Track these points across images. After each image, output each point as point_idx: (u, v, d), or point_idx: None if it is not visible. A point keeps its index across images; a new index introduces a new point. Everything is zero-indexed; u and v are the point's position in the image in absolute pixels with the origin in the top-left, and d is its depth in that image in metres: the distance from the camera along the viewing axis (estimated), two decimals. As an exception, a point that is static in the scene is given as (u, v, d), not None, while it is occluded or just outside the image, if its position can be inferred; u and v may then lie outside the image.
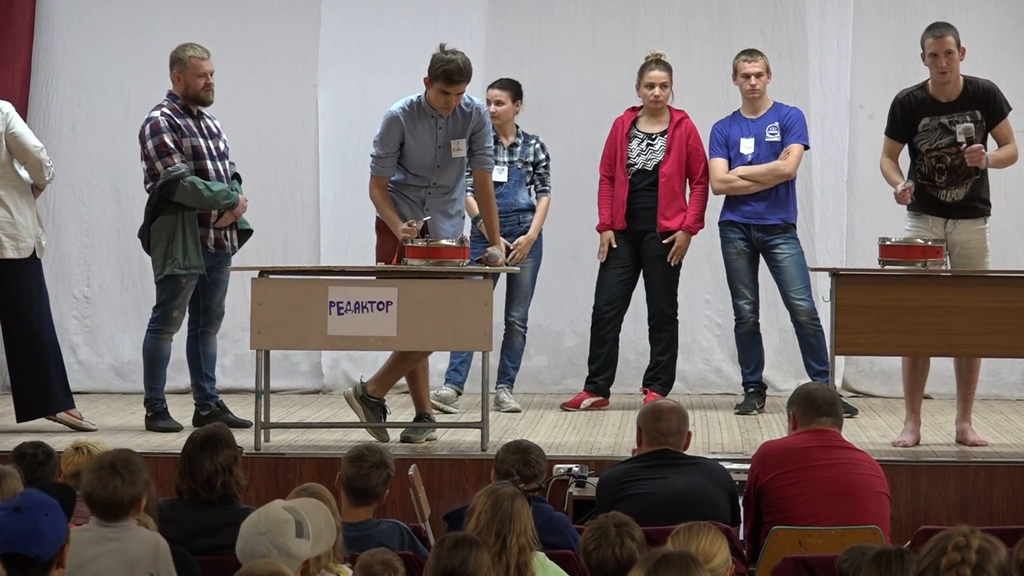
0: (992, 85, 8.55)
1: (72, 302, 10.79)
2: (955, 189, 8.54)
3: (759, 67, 9.62)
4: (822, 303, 9.04)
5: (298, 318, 8.06)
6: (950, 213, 8.55)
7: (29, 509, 4.17)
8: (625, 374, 10.14)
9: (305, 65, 10.80)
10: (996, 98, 8.50)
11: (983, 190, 8.59)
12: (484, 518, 5.12)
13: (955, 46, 8.40)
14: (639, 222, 9.66)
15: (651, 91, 9.62)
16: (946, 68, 8.39)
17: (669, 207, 9.62)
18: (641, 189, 9.64)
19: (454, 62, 8.36)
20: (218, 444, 5.89)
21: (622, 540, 4.88)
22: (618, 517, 4.98)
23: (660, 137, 9.67)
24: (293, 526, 4.76)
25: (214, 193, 8.77)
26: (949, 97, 8.48)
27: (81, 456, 6.17)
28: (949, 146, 8.49)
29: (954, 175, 8.51)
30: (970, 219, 8.56)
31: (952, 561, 3.76)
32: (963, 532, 3.81)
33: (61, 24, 10.82)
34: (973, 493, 7.87)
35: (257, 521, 4.76)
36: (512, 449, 6.30)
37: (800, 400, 6.57)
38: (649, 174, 9.65)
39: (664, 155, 9.63)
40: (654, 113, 9.70)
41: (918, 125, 8.52)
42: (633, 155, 9.67)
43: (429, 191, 8.63)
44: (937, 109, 8.49)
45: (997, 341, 8.11)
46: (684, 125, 9.67)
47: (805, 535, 6.11)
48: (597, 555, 4.89)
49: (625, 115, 9.78)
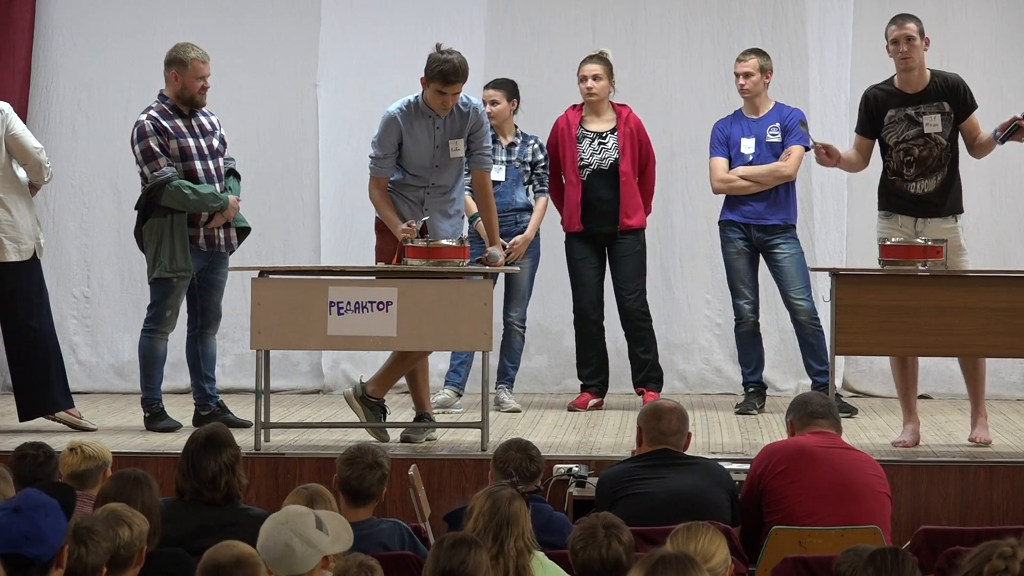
0: (959, 78, 8.54)
1: (72, 302, 10.79)
2: (924, 180, 8.50)
3: (749, 67, 9.62)
4: (822, 303, 9.04)
5: (298, 318, 8.06)
6: (919, 210, 8.51)
7: (28, 510, 4.17)
8: (625, 374, 10.14)
9: (305, 65, 10.79)
10: (964, 91, 8.48)
11: (954, 187, 8.53)
12: (482, 520, 5.11)
13: (917, 34, 8.42)
14: (601, 223, 9.64)
15: (583, 84, 9.61)
16: (907, 54, 8.40)
17: (629, 204, 9.63)
18: (598, 189, 9.62)
19: (450, 62, 8.36)
20: (220, 444, 5.89)
21: (609, 542, 4.88)
22: (607, 518, 4.98)
23: (611, 135, 9.66)
24: (313, 519, 4.83)
25: (201, 196, 8.76)
26: (915, 88, 8.48)
27: (76, 457, 6.15)
28: (916, 137, 8.48)
29: (922, 167, 8.49)
30: (939, 217, 8.50)
31: (995, 569, 3.72)
32: (1011, 543, 3.75)
33: (61, 24, 10.82)
34: (973, 493, 7.86)
35: (277, 516, 4.85)
36: (513, 447, 6.29)
37: (797, 407, 6.68)
38: (606, 173, 9.63)
39: (620, 153, 9.62)
40: (596, 110, 9.68)
41: (884, 117, 8.52)
42: (586, 155, 9.64)
43: (428, 191, 8.63)
44: (903, 101, 8.50)
45: (997, 341, 8.11)
46: (632, 120, 9.67)
47: (805, 535, 6.12)
48: (583, 555, 4.89)
49: (569, 114, 9.75)
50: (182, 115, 8.89)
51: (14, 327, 8.87)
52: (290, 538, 4.74)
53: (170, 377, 9.59)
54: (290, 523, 4.81)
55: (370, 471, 5.92)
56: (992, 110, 9.25)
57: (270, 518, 4.89)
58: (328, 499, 5.52)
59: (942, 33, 10.42)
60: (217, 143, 9.00)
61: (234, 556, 4.42)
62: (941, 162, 8.47)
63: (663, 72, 10.64)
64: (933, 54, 9.16)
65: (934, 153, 8.46)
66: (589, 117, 9.70)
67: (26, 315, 8.81)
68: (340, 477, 5.95)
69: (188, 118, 8.90)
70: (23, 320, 8.82)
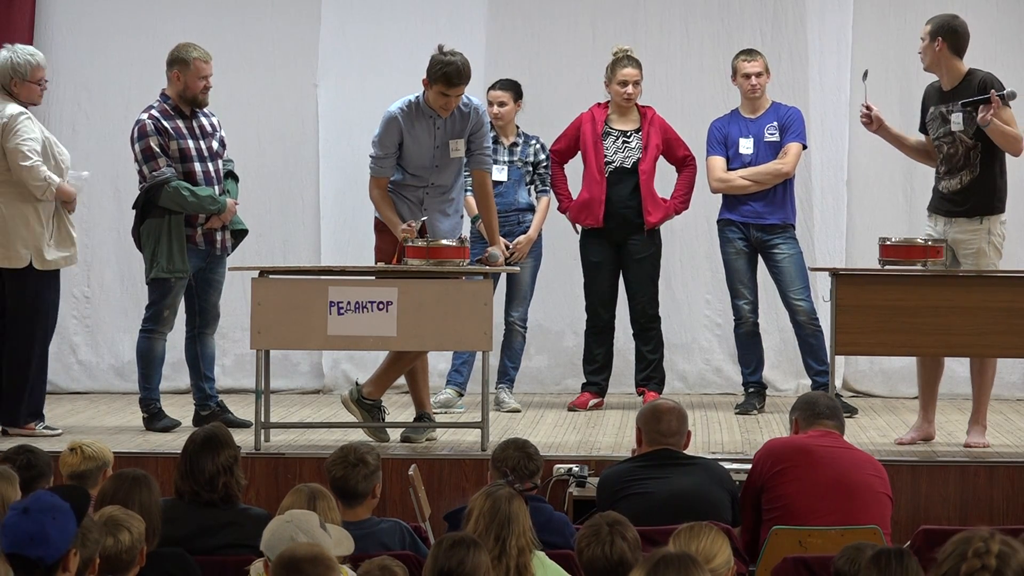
0: (987, 76, 8.53)
1: (72, 302, 10.78)
2: (951, 179, 8.51)
3: (759, 67, 9.63)
4: (822, 303, 9.04)
5: (298, 318, 8.06)
6: (948, 210, 8.53)
7: (37, 511, 4.17)
8: (626, 374, 10.15)
9: (305, 65, 10.79)
10: (987, 88, 8.46)
11: (983, 188, 8.47)
12: (483, 521, 5.12)
13: (927, 35, 8.47)
14: (622, 224, 9.65)
15: (624, 88, 9.61)
16: (920, 51, 8.51)
17: (650, 202, 9.63)
18: (621, 188, 9.63)
19: (453, 64, 8.36)
20: (218, 444, 5.89)
21: (612, 539, 4.88)
22: (612, 516, 4.98)
23: (635, 135, 9.67)
24: (316, 520, 4.89)
25: (199, 199, 8.75)
26: (948, 86, 8.51)
27: (75, 457, 6.13)
28: (946, 135, 8.49)
29: (949, 164, 8.50)
30: (966, 218, 8.48)
31: (972, 568, 3.70)
32: (982, 537, 3.74)
33: (61, 24, 10.82)
34: (973, 493, 7.86)
35: (283, 516, 4.91)
36: (511, 446, 6.28)
37: (802, 405, 6.67)
38: (628, 172, 9.65)
39: (642, 152, 9.63)
40: (624, 111, 9.70)
41: (927, 114, 8.61)
42: (610, 153, 9.66)
43: (427, 191, 8.63)
44: (939, 98, 8.54)
45: (997, 341, 8.11)
46: (656, 121, 9.69)
47: (805, 535, 6.11)
48: (588, 552, 4.90)
49: (594, 111, 9.76)
50: (183, 116, 8.87)
51: (2, 333, 8.78)
52: (295, 533, 4.77)
53: (169, 377, 9.58)
54: (295, 520, 4.85)
55: (354, 469, 5.91)
56: (992, 110, 9.25)
57: (276, 518, 4.93)
58: (328, 498, 5.52)
59: (942, 33, 10.42)
60: (217, 145, 8.99)
61: (311, 553, 4.42)
62: (968, 160, 8.45)
63: (663, 72, 10.63)
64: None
65: (960, 151, 8.46)
66: (615, 116, 9.71)
67: (12, 324, 8.75)
68: (329, 479, 5.95)
69: (189, 119, 8.89)
70: (9, 328, 8.73)
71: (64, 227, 8.86)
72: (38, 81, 8.69)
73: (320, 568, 4.37)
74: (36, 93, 8.73)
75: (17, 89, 8.65)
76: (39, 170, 8.63)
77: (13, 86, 8.65)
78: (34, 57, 8.70)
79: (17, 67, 8.66)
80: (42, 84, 8.75)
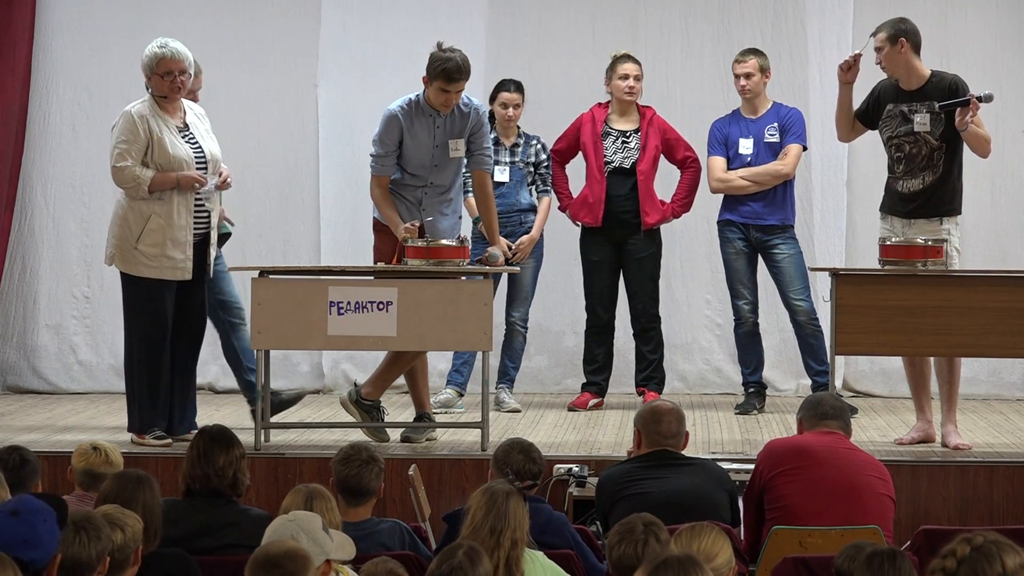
0: (956, 79, 8.51)
1: (72, 302, 10.79)
2: (911, 180, 8.49)
3: (749, 67, 9.62)
4: (822, 303, 9.04)
5: (298, 318, 8.06)
6: (908, 211, 8.51)
7: (27, 514, 4.12)
8: (626, 374, 10.15)
9: (305, 65, 10.80)
10: (959, 90, 8.46)
11: (944, 189, 8.47)
12: (479, 515, 5.13)
13: (884, 42, 8.43)
14: (621, 224, 9.65)
15: (625, 82, 9.61)
16: (879, 61, 8.47)
17: (647, 203, 9.63)
18: (619, 188, 9.63)
19: (453, 60, 8.36)
20: (229, 441, 5.97)
21: (646, 539, 4.85)
22: (647, 517, 4.95)
23: (634, 135, 9.67)
24: (320, 521, 4.91)
25: None
26: (913, 86, 8.49)
27: (99, 457, 6.15)
28: (907, 134, 8.48)
29: (911, 164, 8.49)
30: (923, 218, 8.47)
31: (934, 568, 3.75)
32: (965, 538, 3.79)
33: (61, 24, 10.82)
34: (973, 493, 7.87)
35: (284, 516, 4.94)
36: (515, 448, 6.27)
37: (808, 406, 6.67)
38: (627, 172, 9.65)
39: (640, 153, 9.64)
40: (624, 110, 9.69)
41: (883, 111, 8.56)
42: (609, 153, 9.66)
43: (426, 191, 8.63)
44: (901, 97, 8.52)
45: (997, 341, 8.11)
46: (655, 121, 9.69)
47: (805, 535, 6.11)
48: (618, 550, 4.87)
49: (595, 111, 9.76)
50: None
51: None
52: (297, 533, 4.78)
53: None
54: (297, 520, 4.87)
55: (367, 467, 5.94)
56: (992, 110, 9.25)
57: (278, 517, 4.95)
58: (328, 498, 5.52)
59: (942, 33, 10.43)
60: None
61: (285, 549, 4.43)
62: (931, 161, 8.45)
63: (663, 72, 10.63)
64: (933, 54, 9.18)
65: (923, 152, 8.46)
66: (615, 115, 9.71)
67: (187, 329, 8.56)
68: (337, 477, 5.95)
69: None
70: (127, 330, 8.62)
71: None
72: (163, 74, 8.30)
73: (296, 563, 4.39)
74: (165, 86, 8.34)
75: (151, 83, 8.47)
76: (125, 172, 8.29)
77: (149, 79, 8.47)
78: (163, 49, 8.35)
79: (146, 59, 8.47)
80: (172, 76, 8.33)
